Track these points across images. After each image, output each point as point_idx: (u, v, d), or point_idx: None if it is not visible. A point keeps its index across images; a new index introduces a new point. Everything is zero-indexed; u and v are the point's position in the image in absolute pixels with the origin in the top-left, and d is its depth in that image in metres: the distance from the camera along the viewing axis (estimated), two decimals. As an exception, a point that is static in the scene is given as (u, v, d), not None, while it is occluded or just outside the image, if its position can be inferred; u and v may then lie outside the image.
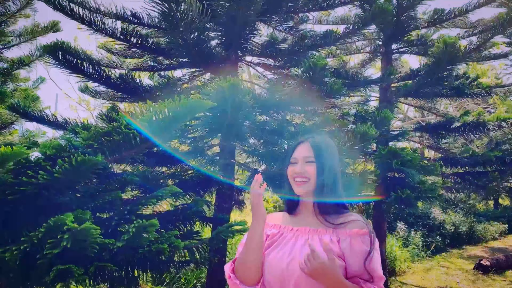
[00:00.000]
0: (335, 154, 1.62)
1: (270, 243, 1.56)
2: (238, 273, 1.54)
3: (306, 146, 1.59)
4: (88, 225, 1.73)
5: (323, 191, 1.54)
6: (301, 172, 1.55)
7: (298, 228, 1.56)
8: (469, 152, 5.64)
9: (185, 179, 3.71)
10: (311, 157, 1.56)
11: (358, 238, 1.46)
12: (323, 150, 1.57)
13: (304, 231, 1.54)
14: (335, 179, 1.57)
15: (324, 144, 1.60)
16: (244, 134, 3.60)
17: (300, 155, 1.58)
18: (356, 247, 1.45)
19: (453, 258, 9.47)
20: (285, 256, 1.47)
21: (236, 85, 2.85)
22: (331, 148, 1.61)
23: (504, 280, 7.45)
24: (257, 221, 1.52)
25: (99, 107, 11.16)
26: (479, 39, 5.07)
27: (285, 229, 1.59)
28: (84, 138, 2.03)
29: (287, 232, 1.57)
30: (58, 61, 3.61)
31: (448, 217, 11.15)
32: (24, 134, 5.64)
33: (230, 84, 2.80)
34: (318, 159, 1.55)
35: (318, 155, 1.56)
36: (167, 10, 3.08)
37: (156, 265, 2.66)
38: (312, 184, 1.54)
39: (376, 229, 5.91)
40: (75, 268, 1.80)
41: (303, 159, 1.57)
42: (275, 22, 4.51)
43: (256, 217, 1.52)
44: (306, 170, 1.54)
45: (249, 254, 1.50)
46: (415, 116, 13.13)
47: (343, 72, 5.22)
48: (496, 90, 5.54)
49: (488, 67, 12.68)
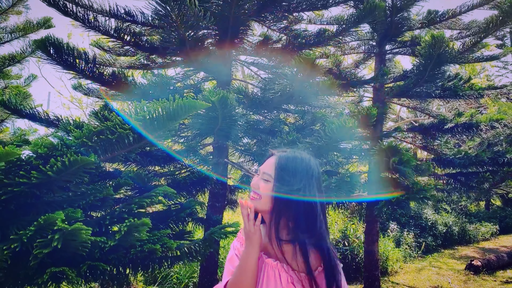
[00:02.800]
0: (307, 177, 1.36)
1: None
2: None
3: (271, 161, 1.40)
4: (79, 225, 1.71)
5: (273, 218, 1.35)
6: (253, 187, 1.40)
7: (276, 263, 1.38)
8: (462, 153, 5.67)
9: (178, 178, 3.69)
10: (267, 174, 1.37)
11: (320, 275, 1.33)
12: (287, 172, 1.35)
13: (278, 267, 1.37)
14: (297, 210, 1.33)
15: (292, 164, 1.37)
16: (236, 135, 3.60)
17: (262, 169, 1.41)
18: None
19: (445, 258, 9.53)
20: None
21: (226, 98, 2.85)
22: (301, 173, 1.36)
23: (495, 280, 7.51)
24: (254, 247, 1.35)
25: (92, 105, 11.10)
26: (471, 40, 5.11)
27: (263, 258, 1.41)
28: (76, 137, 2.00)
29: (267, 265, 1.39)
30: (50, 57, 3.57)
31: (440, 217, 11.23)
32: (16, 132, 5.59)
33: (220, 97, 2.81)
34: (276, 180, 1.35)
35: (278, 175, 1.35)
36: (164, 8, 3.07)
37: (148, 265, 2.64)
38: (263, 204, 1.36)
39: (368, 229, 5.93)
40: (69, 271, 1.79)
41: (262, 174, 1.40)
42: (270, 22, 4.51)
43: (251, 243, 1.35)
44: (260, 186, 1.38)
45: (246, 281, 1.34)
46: (407, 116, 13.19)
47: (337, 72, 5.23)
48: (488, 92, 5.57)
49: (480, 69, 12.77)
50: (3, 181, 1.82)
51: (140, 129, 2.05)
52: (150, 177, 3.02)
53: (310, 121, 4.04)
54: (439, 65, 4.73)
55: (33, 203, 2.05)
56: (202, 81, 4.83)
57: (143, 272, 2.75)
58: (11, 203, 1.94)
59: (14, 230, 1.84)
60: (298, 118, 4.59)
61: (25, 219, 1.95)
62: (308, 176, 1.37)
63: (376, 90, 5.98)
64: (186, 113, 2.05)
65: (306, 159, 1.40)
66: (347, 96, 6.69)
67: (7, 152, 1.66)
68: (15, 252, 1.78)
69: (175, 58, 4.35)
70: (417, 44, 6.05)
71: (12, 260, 1.83)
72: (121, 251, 2.14)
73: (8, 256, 1.74)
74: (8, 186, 1.80)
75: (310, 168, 1.39)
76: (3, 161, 1.78)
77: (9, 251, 1.73)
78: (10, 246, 1.72)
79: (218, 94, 2.81)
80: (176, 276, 5.33)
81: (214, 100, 2.82)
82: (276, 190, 1.34)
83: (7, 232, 1.87)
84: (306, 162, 1.39)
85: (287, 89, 3.69)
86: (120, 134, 2.02)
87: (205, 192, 4.09)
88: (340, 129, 3.18)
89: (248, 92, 3.97)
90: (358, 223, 9.36)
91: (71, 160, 1.80)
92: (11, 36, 5.58)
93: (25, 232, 1.73)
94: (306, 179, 1.36)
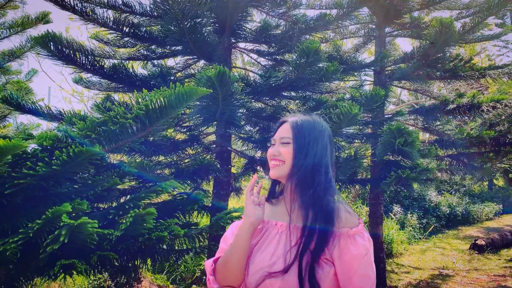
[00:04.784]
0: (321, 137, 1.41)
1: (255, 242, 1.40)
2: (218, 276, 1.40)
3: (286, 126, 1.43)
4: (84, 219, 1.72)
5: (298, 176, 1.35)
6: (275, 154, 1.40)
7: (282, 224, 1.39)
8: (464, 134, 5.67)
9: (182, 168, 3.71)
10: (287, 138, 1.40)
11: (348, 240, 1.27)
12: (303, 131, 1.39)
13: (285, 227, 1.37)
14: (318, 164, 1.36)
15: (306, 124, 1.41)
16: (238, 121, 3.59)
17: (278, 135, 1.43)
18: (346, 251, 1.26)
19: (449, 239, 9.60)
20: (266, 259, 1.31)
21: (223, 73, 2.80)
22: (316, 131, 1.41)
23: (499, 258, 7.56)
24: (244, 222, 1.36)
25: (93, 98, 11.10)
26: (472, 20, 5.06)
27: (268, 224, 1.42)
28: (80, 129, 2.02)
29: (271, 228, 1.40)
30: (50, 52, 3.57)
31: (444, 199, 11.27)
32: (19, 128, 5.61)
33: (217, 72, 2.76)
34: (295, 140, 1.38)
35: (296, 136, 1.39)
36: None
37: (157, 254, 2.68)
38: (288, 167, 1.38)
39: (372, 212, 5.96)
40: (78, 263, 1.81)
41: (279, 140, 1.42)
42: (268, 8, 4.49)
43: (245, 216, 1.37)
44: (281, 152, 1.39)
45: (235, 255, 1.34)
46: (408, 99, 13.16)
47: (337, 57, 5.20)
48: (490, 72, 5.54)
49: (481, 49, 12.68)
50: (10, 174, 1.84)
51: (143, 118, 2.06)
52: (152, 166, 3.02)
53: (313, 107, 4.04)
54: (442, 50, 4.71)
55: (41, 196, 2.07)
56: (202, 70, 4.82)
57: (152, 262, 2.79)
58: (18, 196, 1.96)
59: (24, 222, 1.87)
60: (300, 104, 4.59)
61: (34, 211, 1.97)
62: (323, 136, 1.42)
63: (377, 74, 5.96)
64: (187, 100, 2.06)
65: (317, 119, 1.47)
66: (348, 80, 6.67)
67: (13, 146, 1.67)
68: (25, 245, 1.81)
69: (174, 47, 4.34)
70: (417, 26, 6.02)
71: (22, 252, 1.86)
72: (129, 240, 2.16)
73: (18, 249, 1.76)
74: (15, 179, 1.82)
75: (323, 126, 1.45)
76: (10, 155, 1.79)
77: (18, 244, 1.75)
78: (17, 239, 1.74)
79: (216, 69, 2.75)
80: (184, 264, 5.39)
81: (211, 75, 2.76)
82: (298, 150, 1.37)
83: (17, 224, 1.90)
84: (318, 121, 1.45)
85: (289, 75, 3.68)
86: (123, 124, 2.03)
87: (209, 180, 4.12)
88: (348, 115, 3.16)
89: (250, 79, 3.96)
90: (361, 206, 9.40)
91: (76, 151, 1.82)
92: (10, 31, 5.56)
93: (33, 225, 1.75)
94: (321, 137, 1.41)
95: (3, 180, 1.83)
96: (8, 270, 2.12)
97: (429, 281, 6.17)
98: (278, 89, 3.95)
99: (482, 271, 6.68)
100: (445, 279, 6.25)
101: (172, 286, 5.19)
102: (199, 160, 3.52)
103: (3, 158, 1.75)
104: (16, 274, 2.18)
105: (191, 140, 4.21)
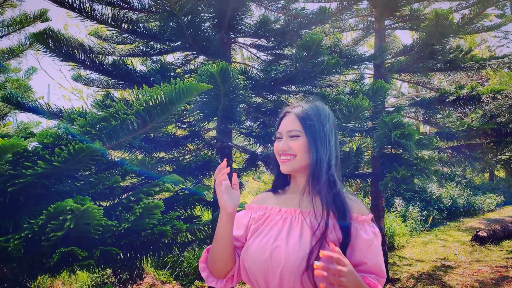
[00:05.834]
0: (328, 123, 1.37)
1: (254, 228, 1.38)
2: (209, 264, 1.43)
3: (291, 118, 1.38)
4: (90, 204, 1.73)
5: (316, 167, 1.31)
6: (285, 149, 1.35)
7: (286, 210, 1.36)
8: (465, 125, 5.67)
9: (184, 164, 3.71)
10: (295, 130, 1.34)
11: (359, 225, 1.28)
12: (312, 120, 1.34)
13: (293, 212, 1.34)
14: (330, 152, 1.34)
15: (313, 112, 1.36)
16: (239, 116, 3.58)
17: (285, 128, 1.38)
18: (358, 236, 1.26)
19: (450, 231, 9.61)
20: (269, 244, 1.28)
21: (226, 69, 2.78)
22: (323, 117, 1.37)
23: (501, 250, 7.58)
24: (222, 214, 1.35)
25: (93, 96, 11.10)
26: (472, 11, 5.04)
27: (271, 211, 1.39)
28: (80, 125, 2.01)
29: (273, 215, 1.38)
30: (49, 49, 3.56)
31: (445, 191, 11.27)
32: (19, 126, 5.61)
33: (219, 68, 2.74)
34: (306, 132, 1.33)
35: (305, 127, 1.34)
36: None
37: (159, 248, 2.68)
38: (300, 161, 1.34)
39: (374, 205, 5.97)
40: (78, 250, 1.81)
41: (287, 134, 1.36)
42: (267, 2, 4.47)
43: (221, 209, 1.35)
44: (291, 146, 1.34)
45: (217, 245, 1.37)
46: (409, 92, 13.14)
47: (337, 50, 5.19)
48: (490, 63, 5.52)
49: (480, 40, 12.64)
50: (11, 172, 1.84)
51: (144, 114, 2.06)
52: (154, 163, 3.03)
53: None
54: (440, 41, 4.70)
55: (43, 194, 2.08)
56: (203, 65, 4.81)
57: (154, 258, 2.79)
58: (20, 194, 1.96)
59: (26, 220, 1.87)
60: (300, 98, 4.58)
61: (36, 208, 1.97)
62: (330, 121, 1.39)
63: (377, 67, 5.95)
64: (188, 96, 2.05)
65: (320, 104, 1.42)
66: (348, 74, 6.66)
67: (13, 144, 1.67)
68: (28, 242, 1.81)
69: (173, 43, 4.33)
70: (417, 18, 5.99)
71: (25, 249, 1.87)
72: (133, 235, 2.17)
73: (21, 245, 1.77)
74: (16, 177, 1.82)
75: (328, 113, 1.41)
76: (10, 153, 1.79)
77: (22, 241, 1.76)
78: (21, 235, 1.74)
79: (218, 65, 2.72)
80: (187, 260, 5.41)
81: (214, 71, 2.74)
82: (311, 140, 1.33)
83: (19, 222, 1.90)
84: (321, 107, 1.41)
85: (290, 68, 3.67)
86: (123, 120, 2.02)
87: (211, 176, 4.12)
88: (358, 108, 3.16)
89: (250, 73, 3.95)
90: (363, 199, 9.41)
91: (76, 148, 1.82)
92: (8, 30, 5.54)
93: (36, 221, 1.75)
94: (330, 123, 1.38)
95: (5, 178, 1.83)
96: (12, 268, 2.12)
97: (431, 273, 6.19)
98: (278, 83, 3.94)
99: (484, 263, 6.69)
100: (447, 271, 6.26)
101: (175, 282, 5.21)
102: (200, 156, 3.51)
103: (3, 156, 1.75)
104: (20, 272, 2.18)
105: (191, 136, 4.20)
